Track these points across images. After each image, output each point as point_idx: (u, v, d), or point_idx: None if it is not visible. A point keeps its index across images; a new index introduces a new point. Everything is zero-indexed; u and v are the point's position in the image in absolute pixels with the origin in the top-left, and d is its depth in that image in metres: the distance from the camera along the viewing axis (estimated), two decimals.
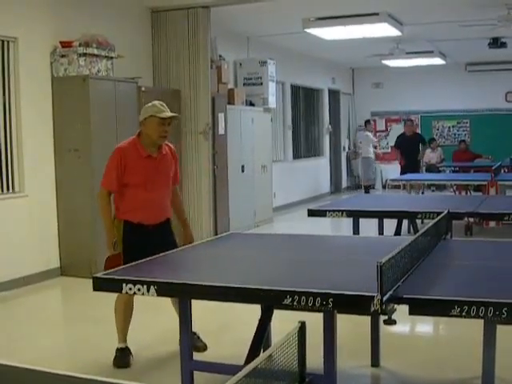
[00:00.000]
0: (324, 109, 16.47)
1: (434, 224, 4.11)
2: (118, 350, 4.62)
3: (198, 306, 3.76)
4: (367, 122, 16.87)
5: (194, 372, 3.74)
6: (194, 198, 9.15)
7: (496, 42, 11.92)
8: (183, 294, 3.42)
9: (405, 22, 10.79)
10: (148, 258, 4.19)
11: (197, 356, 3.76)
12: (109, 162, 4.57)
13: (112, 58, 7.71)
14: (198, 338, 4.82)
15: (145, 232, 4.53)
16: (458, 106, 16.86)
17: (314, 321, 3.13)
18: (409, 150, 13.43)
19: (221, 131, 9.76)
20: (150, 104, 4.62)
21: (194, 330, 4.74)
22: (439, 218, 4.36)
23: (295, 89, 14.77)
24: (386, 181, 16.77)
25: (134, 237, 4.51)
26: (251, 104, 11.34)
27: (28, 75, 7.15)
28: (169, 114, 4.57)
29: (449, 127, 17.20)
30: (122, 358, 4.58)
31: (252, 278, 3.42)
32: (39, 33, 7.29)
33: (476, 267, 3.66)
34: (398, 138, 14.21)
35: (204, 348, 4.80)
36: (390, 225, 7.46)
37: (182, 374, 3.70)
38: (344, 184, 17.72)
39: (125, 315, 4.63)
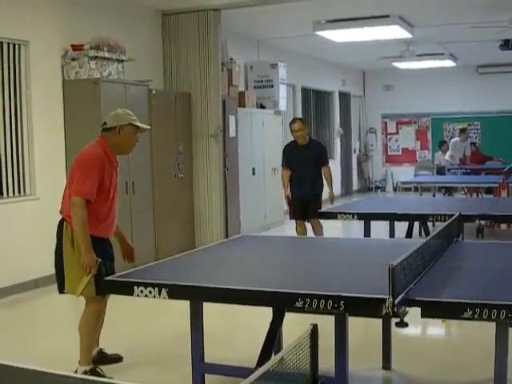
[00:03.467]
0: (335, 111, 16.45)
1: (445, 226, 4.10)
2: (86, 373, 4.11)
3: (210, 309, 3.76)
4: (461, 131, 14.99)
5: (206, 374, 3.74)
6: (205, 201, 9.15)
7: (507, 44, 11.90)
8: (195, 297, 3.41)
9: (415, 24, 10.78)
10: (158, 262, 4.20)
11: (208, 358, 3.76)
12: (86, 168, 4.12)
13: (123, 61, 7.73)
14: (104, 352, 4.55)
15: (103, 245, 4.23)
16: (469, 109, 16.79)
17: (326, 323, 3.12)
18: (302, 168, 8.20)
19: (231, 134, 9.76)
20: (120, 111, 4.34)
21: (117, 352, 4.59)
22: (451, 220, 4.35)
23: (306, 91, 14.76)
24: (397, 183, 16.75)
25: (98, 251, 4.11)
26: (262, 107, 11.34)
27: (39, 78, 7.18)
28: (145, 125, 4.40)
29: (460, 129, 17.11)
30: (99, 376, 4.13)
31: (263, 281, 3.42)
32: (50, 36, 7.32)
33: (488, 269, 3.64)
34: (285, 148, 8.58)
35: (119, 358, 4.56)
36: (401, 227, 7.44)
37: (193, 376, 3.71)
38: (355, 186, 17.68)
39: (95, 333, 4.34)
